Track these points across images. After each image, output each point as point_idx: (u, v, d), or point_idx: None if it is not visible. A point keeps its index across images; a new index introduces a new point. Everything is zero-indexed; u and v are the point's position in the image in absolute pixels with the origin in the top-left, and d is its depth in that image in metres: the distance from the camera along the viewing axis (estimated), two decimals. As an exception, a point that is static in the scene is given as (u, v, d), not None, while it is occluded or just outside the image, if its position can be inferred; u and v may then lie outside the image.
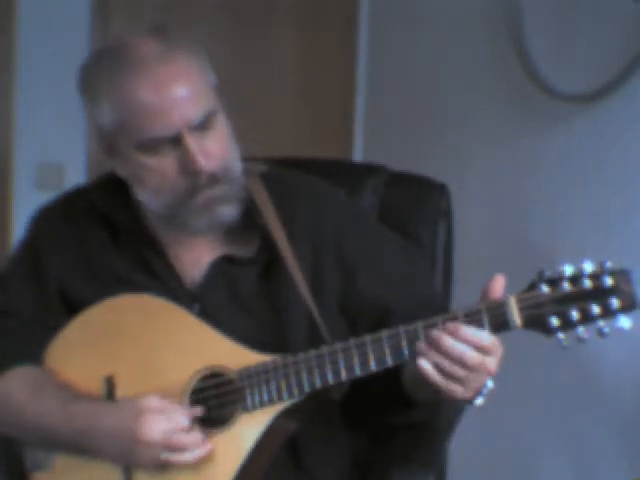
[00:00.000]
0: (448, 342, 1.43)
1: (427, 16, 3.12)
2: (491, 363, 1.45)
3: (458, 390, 1.45)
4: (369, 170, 2.02)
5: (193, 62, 1.57)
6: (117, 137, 1.57)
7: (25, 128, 3.24)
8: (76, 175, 3.19)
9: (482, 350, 1.43)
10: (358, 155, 3.51)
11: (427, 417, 1.64)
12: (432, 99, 3.10)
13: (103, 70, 1.57)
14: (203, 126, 1.55)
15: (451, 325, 1.43)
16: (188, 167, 1.54)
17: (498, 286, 1.45)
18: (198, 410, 1.54)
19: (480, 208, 2.84)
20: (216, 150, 1.57)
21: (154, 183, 1.57)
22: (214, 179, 1.56)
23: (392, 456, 1.72)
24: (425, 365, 1.44)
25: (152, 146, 1.54)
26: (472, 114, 2.93)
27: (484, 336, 1.43)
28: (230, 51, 3.27)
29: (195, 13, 3.29)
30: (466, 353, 1.42)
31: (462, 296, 1.90)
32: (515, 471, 2.75)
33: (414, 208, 1.93)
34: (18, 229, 3.05)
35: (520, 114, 2.75)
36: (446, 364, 1.43)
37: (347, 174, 1.98)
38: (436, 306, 1.65)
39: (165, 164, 1.55)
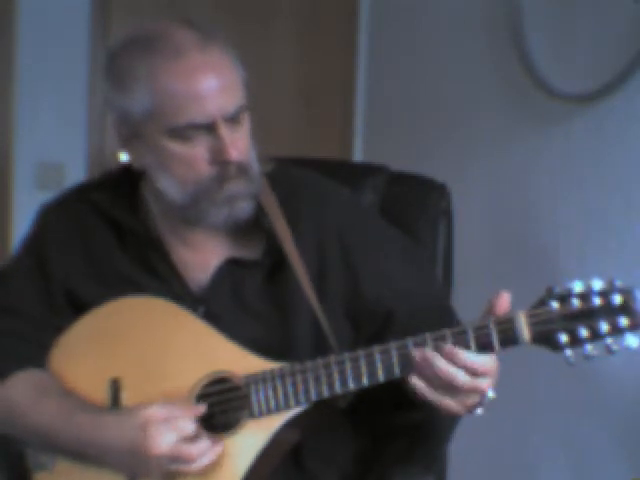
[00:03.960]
0: (441, 363, 1.43)
1: (427, 16, 3.13)
2: (483, 383, 1.45)
3: (451, 405, 1.46)
4: (369, 170, 2.02)
5: (228, 55, 1.58)
6: (146, 123, 1.56)
7: (25, 128, 3.25)
8: (76, 174, 3.20)
9: (475, 373, 1.44)
10: (358, 155, 3.51)
11: (428, 417, 1.64)
12: (432, 99, 3.10)
13: (138, 55, 1.55)
14: (234, 119, 1.55)
15: (447, 348, 1.43)
16: (219, 156, 1.54)
17: (504, 303, 1.44)
18: (202, 408, 1.53)
19: (480, 208, 2.84)
20: (243, 146, 1.57)
21: (181, 172, 1.56)
22: (242, 170, 1.56)
23: (393, 457, 1.72)
24: (417, 382, 1.45)
25: (184, 133, 1.53)
26: (472, 114, 2.93)
27: (478, 361, 1.43)
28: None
29: (195, 13, 3.29)
30: (457, 376, 1.43)
31: (462, 296, 1.91)
32: (515, 472, 2.75)
33: (414, 208, 1.92)
34: (18, 229, 3.06)
35: (520, 114, 2.75)
36: (438, 383, 1.44)
37: (347, 174, 1.97)
38: (439, 305, 1.65)
39: (195, 152, 1.55)
